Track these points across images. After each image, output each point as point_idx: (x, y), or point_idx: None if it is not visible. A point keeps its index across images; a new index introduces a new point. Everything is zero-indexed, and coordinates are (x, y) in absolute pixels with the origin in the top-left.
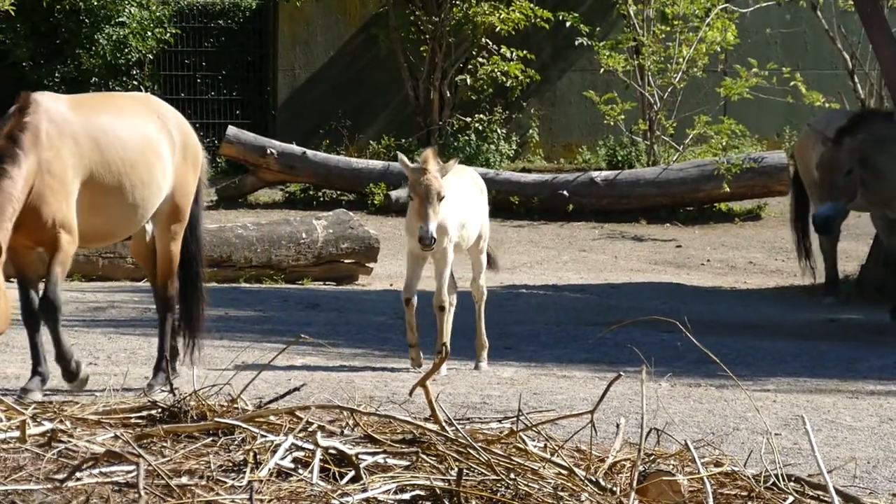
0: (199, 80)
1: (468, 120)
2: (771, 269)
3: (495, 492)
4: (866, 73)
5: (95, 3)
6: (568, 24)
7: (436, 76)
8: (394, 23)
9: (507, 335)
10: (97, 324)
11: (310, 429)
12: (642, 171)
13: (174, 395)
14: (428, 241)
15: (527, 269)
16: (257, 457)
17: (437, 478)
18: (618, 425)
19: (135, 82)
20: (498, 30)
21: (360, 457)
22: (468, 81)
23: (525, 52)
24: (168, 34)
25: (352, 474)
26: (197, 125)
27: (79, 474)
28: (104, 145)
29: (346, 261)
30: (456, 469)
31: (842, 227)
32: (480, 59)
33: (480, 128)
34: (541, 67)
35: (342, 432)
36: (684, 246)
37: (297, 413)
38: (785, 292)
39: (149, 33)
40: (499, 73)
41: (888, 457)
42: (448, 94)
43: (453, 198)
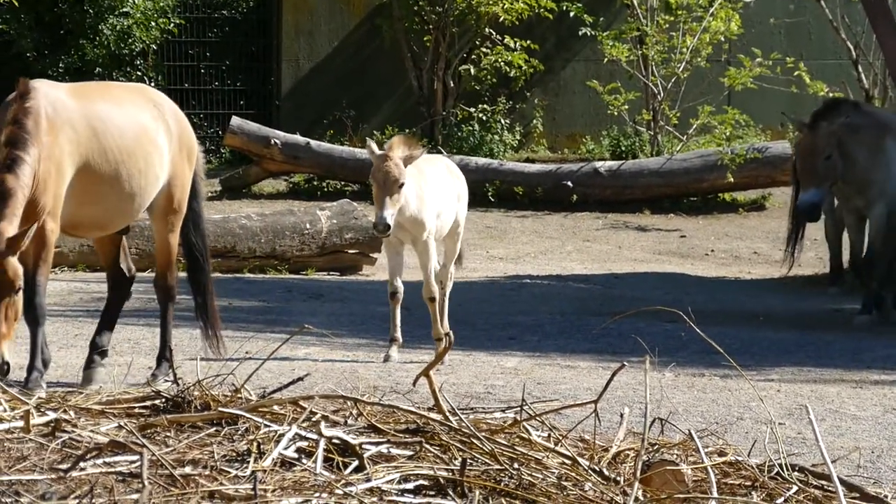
0: (202, 71)
1: (472, 110)
2: (775, 259)
3: (499, 481)
4: (870, 62)
5: None
6: (571, 13)
7: (439, 66)
8: (397, 13)
9: (511, 325)
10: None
11: (313, 419)
12: (646, 161)
13: (178, 384)
14: (382, 227)
15: (531, 260)
16: (261, 446)
17: (440, 467)
18: (621, 415)
19: (139, 73)
20: (501, 20)
21: (363, 447)
22: (472, 71)
23: (529, 42)
24: (172, 24)
25: (355, 464)
26: (201, 115)
27: (82, 464)
28: (102, 133)
29: (350, 251)
30: (459, 459)
31: None
32: (484, 49)
33: (484, 118)
34: (544, 57)
35: (346, 422)
36: (688, 236)
37: (301, 403)
38: (789, 282)
39: (153, 23)
40: (502, 64)
41: (892, 446)
42: (452, 85)
43: (428, 188)
